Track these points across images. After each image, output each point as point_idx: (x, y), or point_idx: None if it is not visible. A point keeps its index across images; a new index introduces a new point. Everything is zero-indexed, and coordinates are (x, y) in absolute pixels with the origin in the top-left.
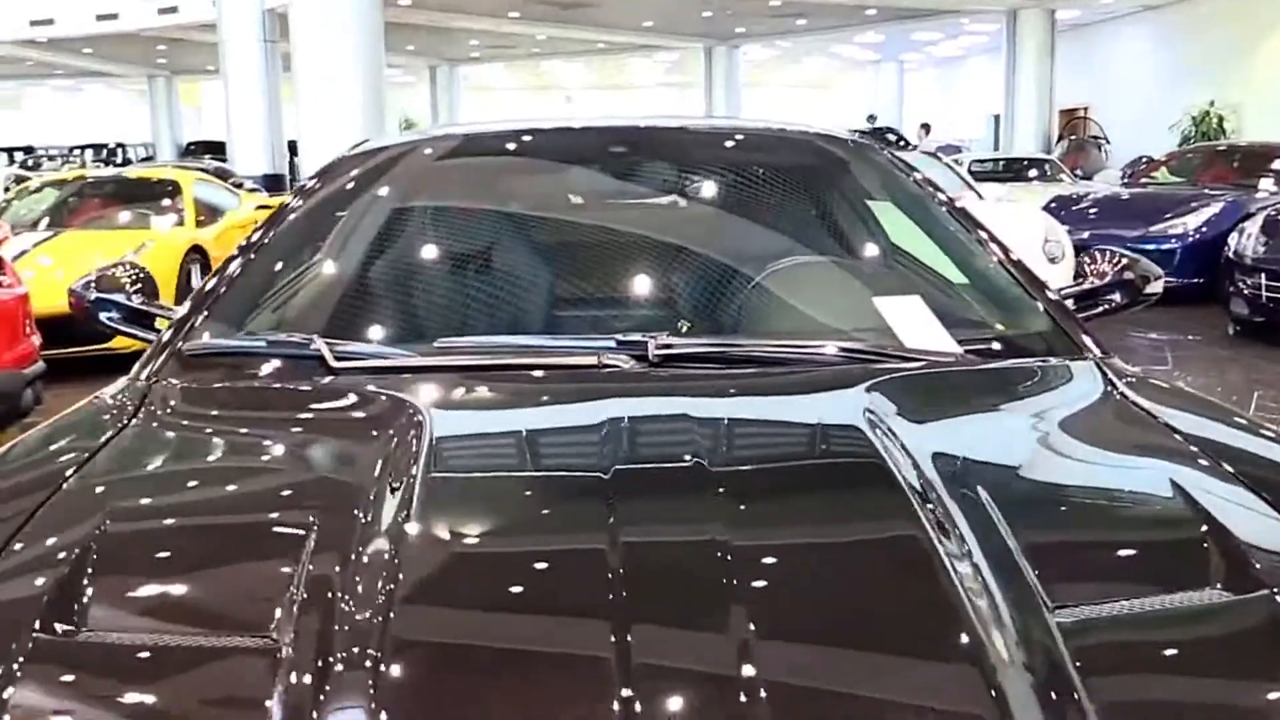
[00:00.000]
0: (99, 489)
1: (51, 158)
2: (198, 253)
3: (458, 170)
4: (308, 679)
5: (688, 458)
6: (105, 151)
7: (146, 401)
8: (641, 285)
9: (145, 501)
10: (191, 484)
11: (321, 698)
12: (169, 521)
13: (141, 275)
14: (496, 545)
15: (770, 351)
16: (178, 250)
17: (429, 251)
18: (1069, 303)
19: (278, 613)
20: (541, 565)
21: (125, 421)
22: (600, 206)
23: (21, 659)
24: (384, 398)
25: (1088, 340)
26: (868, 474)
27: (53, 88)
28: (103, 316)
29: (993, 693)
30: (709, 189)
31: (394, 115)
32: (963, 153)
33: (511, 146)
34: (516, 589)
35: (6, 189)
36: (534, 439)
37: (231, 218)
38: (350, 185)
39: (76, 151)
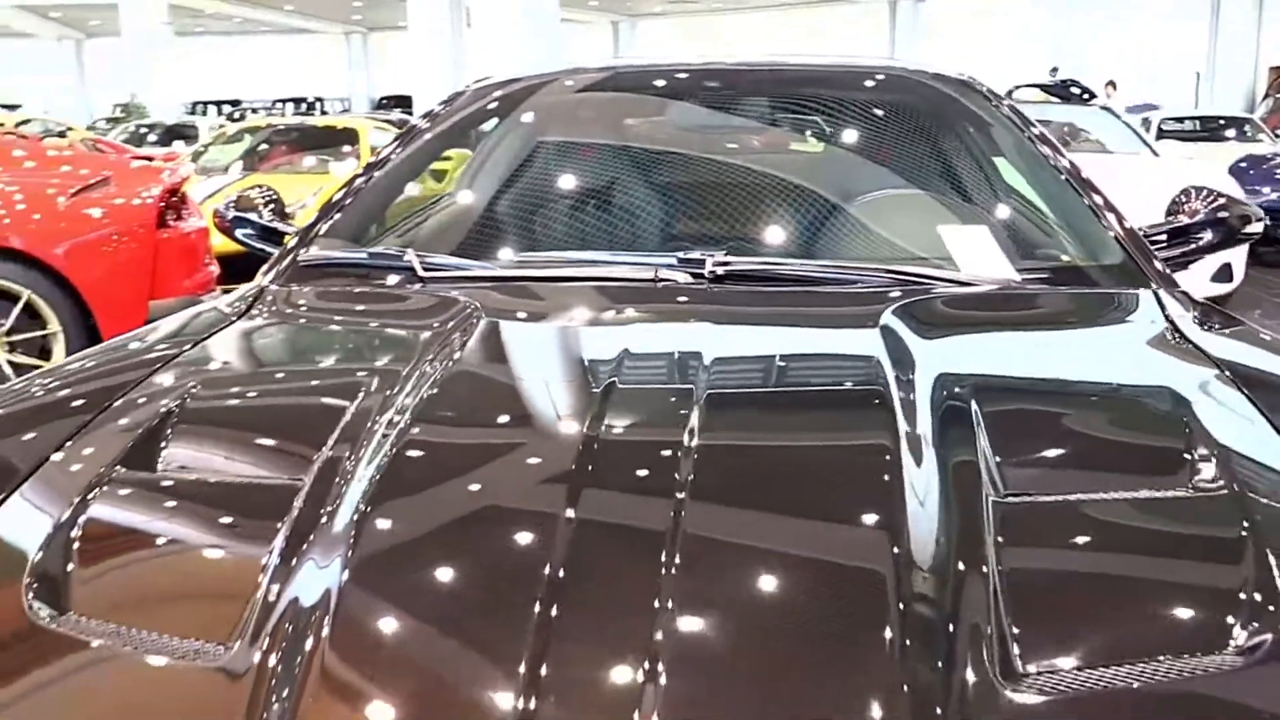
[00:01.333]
0: (196, 365)
1: (255, 110)
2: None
3: (565, 103)
4: (315, 510)
5: (693, 364)
6: (305, 105)
7: (257, 302)
8: (728, 211)
9: (228, 376)
10: (269, 365)
11: (322, 523)
12: (243, 392)
13: (273, 197)
14: (489, 418)
15: (821, 272)
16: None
17: (528, 177)
18: (1161, 239)
19: (311, 461)
20: (522, 441)
21: (235, 317)
22: (701, 139)
23: (101, 488)
24: (450, 301)
25: (1155, 272)
26: (857, 384)
27: (258, 44)
28: (238, 233)
29: (895, 550)
30: (810, 125)
31: None
32: (1155, 111)
33: (619, 83)
34: (497, 459)
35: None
36: (561, 343)
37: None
38: (464, 115)
39: (279, 104)
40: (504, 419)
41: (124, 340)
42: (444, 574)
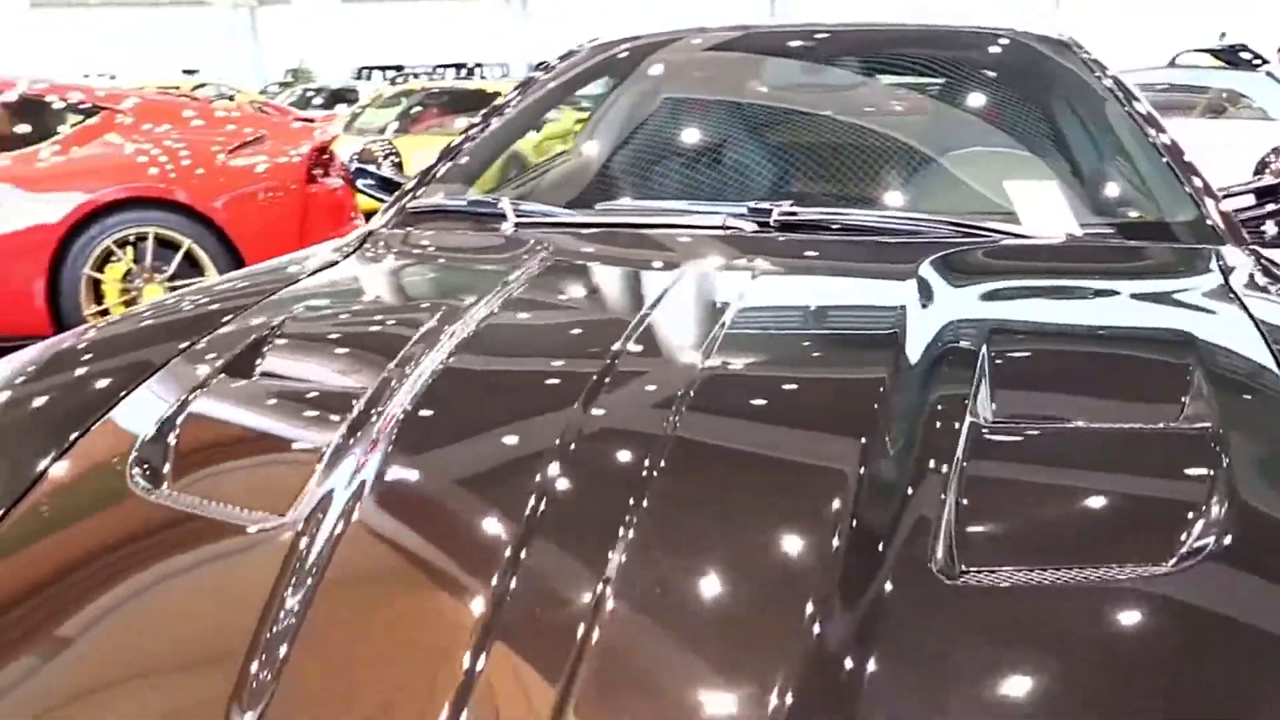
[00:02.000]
0: (300, 293)
1: (416, 75)
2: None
3: (670, 62)
4: (369, 412)
5: (725, 304)
6: (464, 70)
7: (365, 242)
8: (813, 165)
9: (324, 303)
10: (360, 295)
11: (372, 423)
12: (333, 316)
13: (392, 152)
14: (525, 344)
15: (881, 223)
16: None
17: (626, 132)
18: (1245, 199)
19: (376, 374)
20: (551, 365)
21: (344, 255)
22: (798, 97)
23: (204, 388)
24: (528, 243)
25: (1228, 231)
26: (872, 326)
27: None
28: (359, 182)
29: (860, 468)
30: (905, 84)
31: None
32: None
33: (728, 43)
34: (523, 379)
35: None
36: (611, 282)
37: (550, 129)
38: (574, 74)
39: (439, 70)
40: (539, 346)
41: (251, 270)
42: (458, 468)
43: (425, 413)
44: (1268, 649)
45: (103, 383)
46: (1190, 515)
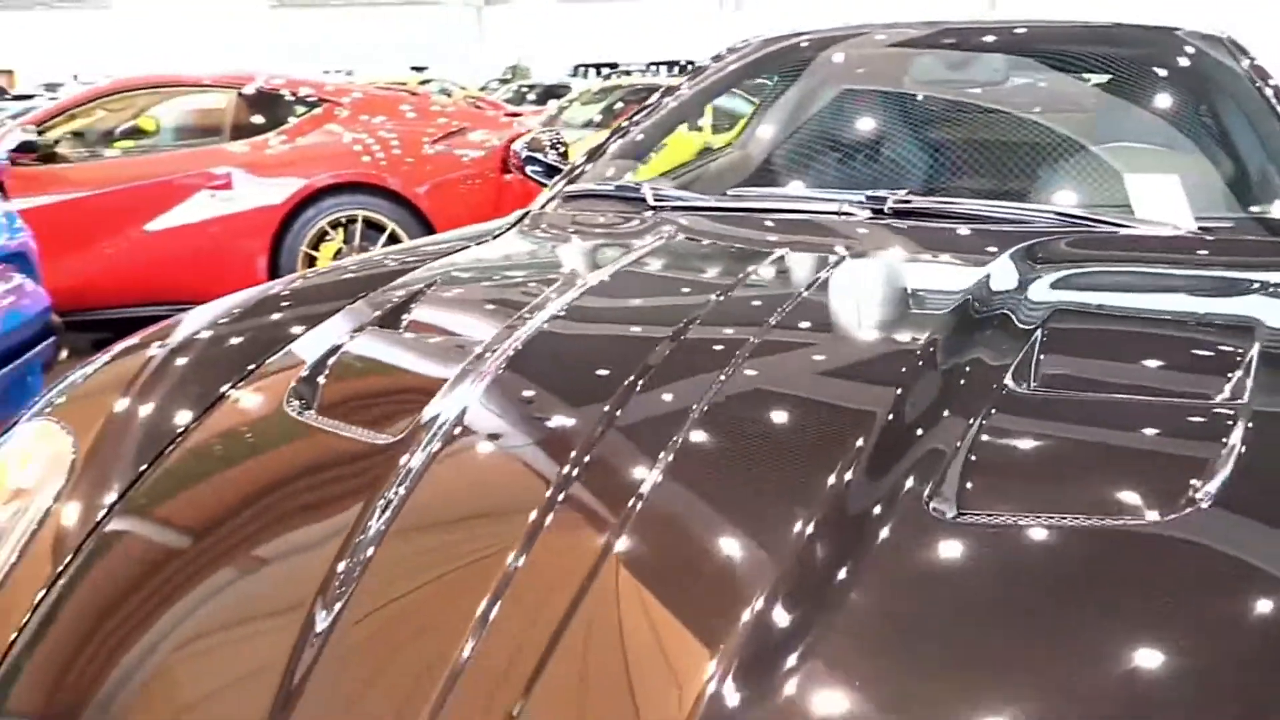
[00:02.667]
0: (458, 260)
1: (628, 73)
2: (708, 151)
3: (821, 59)
4: (483, 356)
5: (808, 281)
6: (677, 68)
7: (523, 220)
8: (954, 157)
9: (475, 268)
10: (507, 263)
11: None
12: (478, 280)
13: (559, 143)
14: (621, 310)
15: (990, 212)
16: (690, 149)
17: (773, 123)
18: None
19: (499, 325)
20: (629, 326)
21: (502, 231)
22: (946, 93)
23: (359, 332)
24: (660, 223)
25: None
26: (938, 302)
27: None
28: (527, 169)
29: (888, 415)
30: (1050, 80)
31: None
32: None
33: (879, 42)
34: (609, 335)
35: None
36: (718, 258)
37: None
38: (734, 68)
39: (653, 67)
40: (631, 309)
41: (428, 240)
42: (537, 405)
43: (521, 361)
44: (1242, 592)
45: (285, 323)
46: (1192, 483)
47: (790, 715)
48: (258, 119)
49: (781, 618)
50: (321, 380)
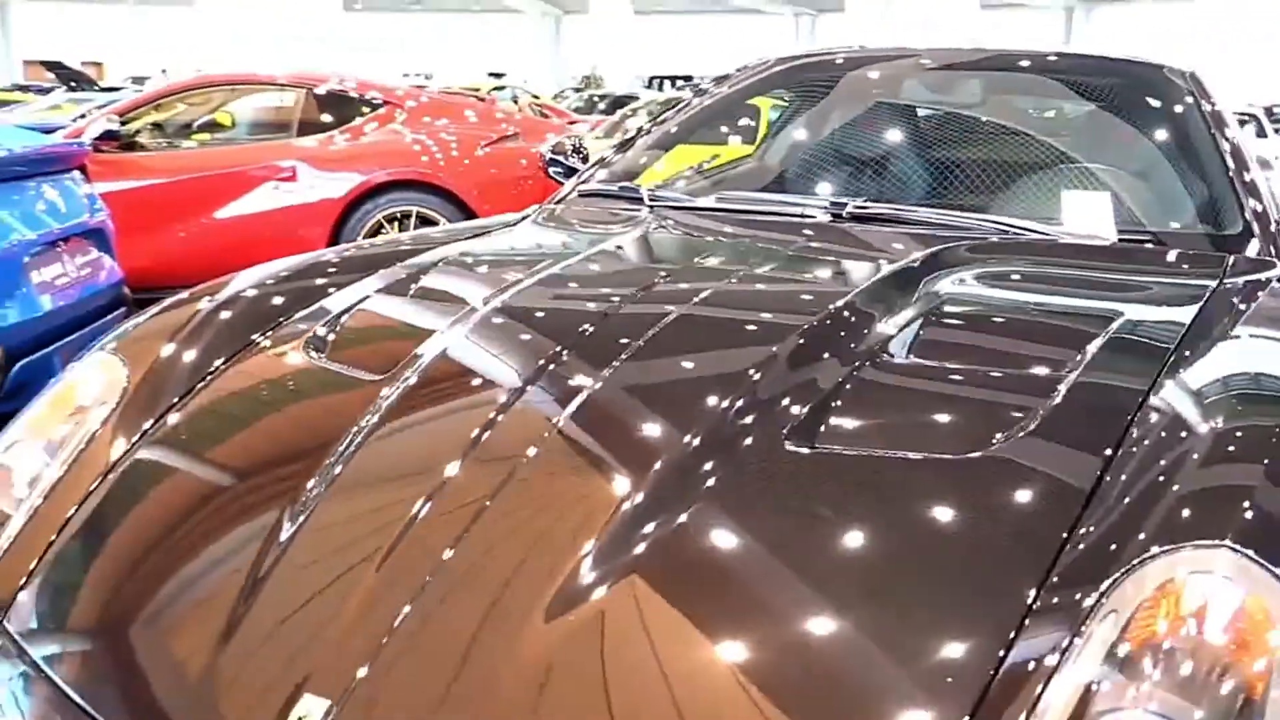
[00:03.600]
0: (476, 241)
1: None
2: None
3: (814, 79)
4: (469, 311)
5: (750, 260)
6: None
7: (538, 213)
8: (913, 169)
9: (483, 248)
10: (511, 245)
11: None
12: (483, 256)
13: (580, 148)
14: (588, 281)
15: (932, 219)
16: (695, 158)
17: (770, 135)
18: None
19: (485, 291)
20: (596, 294)
21: (516, 222)
22: (921, 114)
23: (373, 294)
24: (644, 218)
25: (1263, 245)
26: (848, 283)
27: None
28: (550, 170)
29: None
30: (1014, 105)
31: None
32: None
33: (869, 64)
34: (573, 299)
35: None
36: (681, 245)
37: None
38: (741, 85)
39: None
40: (597, 278)
41: (456, 225)
42: (503, 346)
43: (497, 318)
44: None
45: (317, 286)
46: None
47: (631, 589)
48: (325, 117)
49: (652, 509)
50: (335, 331)
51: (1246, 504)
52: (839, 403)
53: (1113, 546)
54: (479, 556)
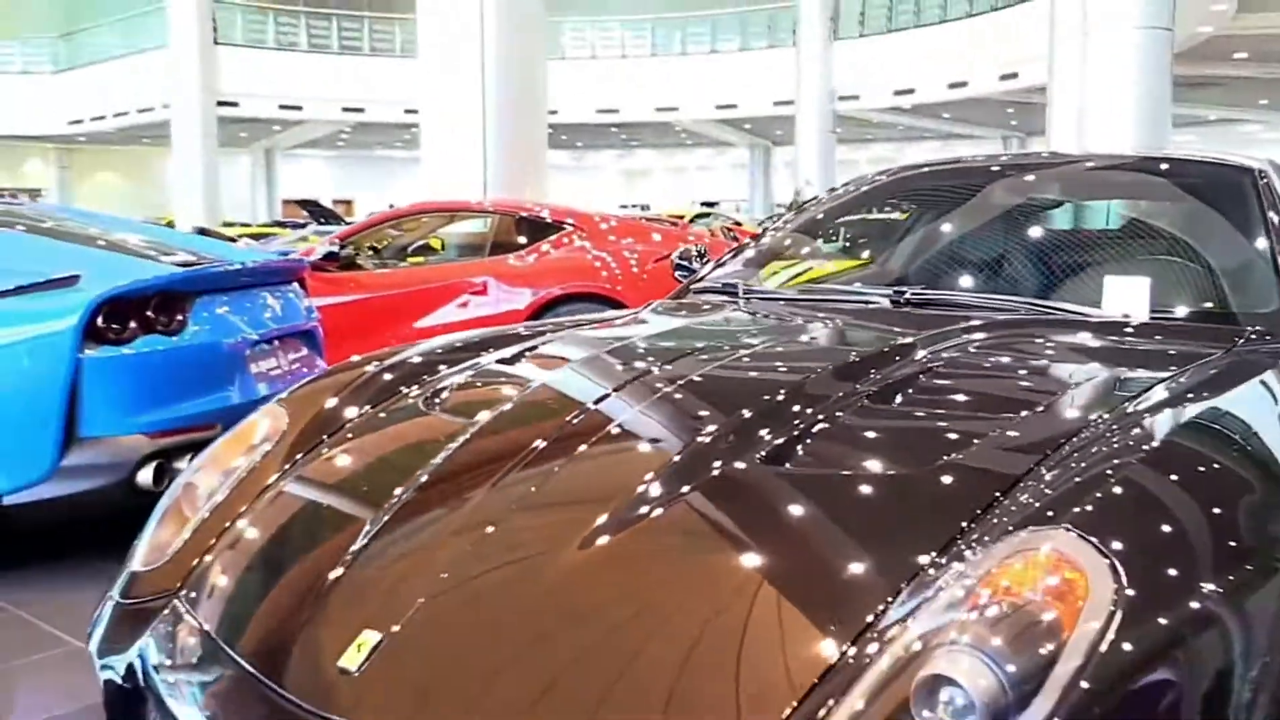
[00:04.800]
0: (584, 327)
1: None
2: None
3: (906, 186)
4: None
5: (791, 340)
6: None
7: (659, 305)
8: (977, 263)
9: (595, 332)
10: (628, 329)
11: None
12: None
13: (703, 254)
14: (667, 341)
15: (977, 302)
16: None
17: (858, 236)
18: None
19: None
20: (666, 350)
21: (641, 311)
22: (986, 216)
23: (498, 362)
24: (736, 308)
25: None
26: (883, 349)
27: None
28: (676, 273)
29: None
30: (1077, 202)
31: None
32: None
33: (951, 172)
34: (648, 354)
35: None
36: (754, 330)
37: None
38: (839, 196)
39: None
40: (676, 341)
41: (602, 314)
42: (584, 382)
43: (572, 370)
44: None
45: (462, 355)
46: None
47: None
48: (519, 239)
49: (661, 488)
50: (452, 389)
51: (1093, 501)
52: (812, 435)
53: (992, 525)
54: (514, 528)
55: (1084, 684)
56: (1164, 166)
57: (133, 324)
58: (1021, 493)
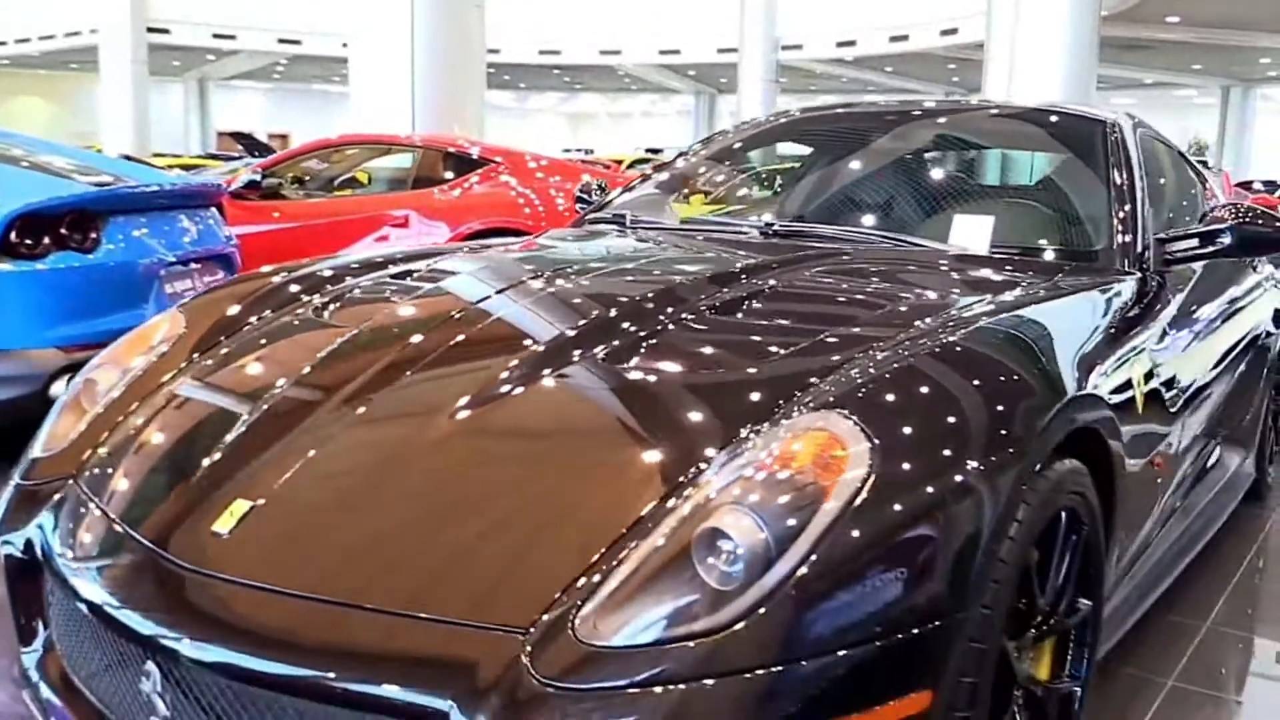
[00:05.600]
0: (480, 250)
1: None
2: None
3: (793, 129)
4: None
5: (658, 259)
6: None
7: (549, 234)
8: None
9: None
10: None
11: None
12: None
13: (602, 186)
14: (544, 257)
15: (830, 233)
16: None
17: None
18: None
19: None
20: (546, 268)
21: (535, 239)
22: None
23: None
24: (618, 234)
25: (1120, 260)
26: (721, 269)
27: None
28: (577, 205)
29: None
30: (958, 155)
31: (1181, 135)
32: None
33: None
34: (522, 273)
35: None
36: (626, 251)
37: None
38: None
39: None
40: (553, 260)
41: (505, 240)
42: (463, 286)
43: (448, 277)
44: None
45: (361, 269)
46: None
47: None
48: (442, 173)
49: (511, 378)
50: (348, 296)
51: (871, 391)
52: (660, 335)
53: (790, 410)
54: (381, 411)
55: (832, 540)
56: (1030, 116)
57: (46, 240)
58: (824, 385)
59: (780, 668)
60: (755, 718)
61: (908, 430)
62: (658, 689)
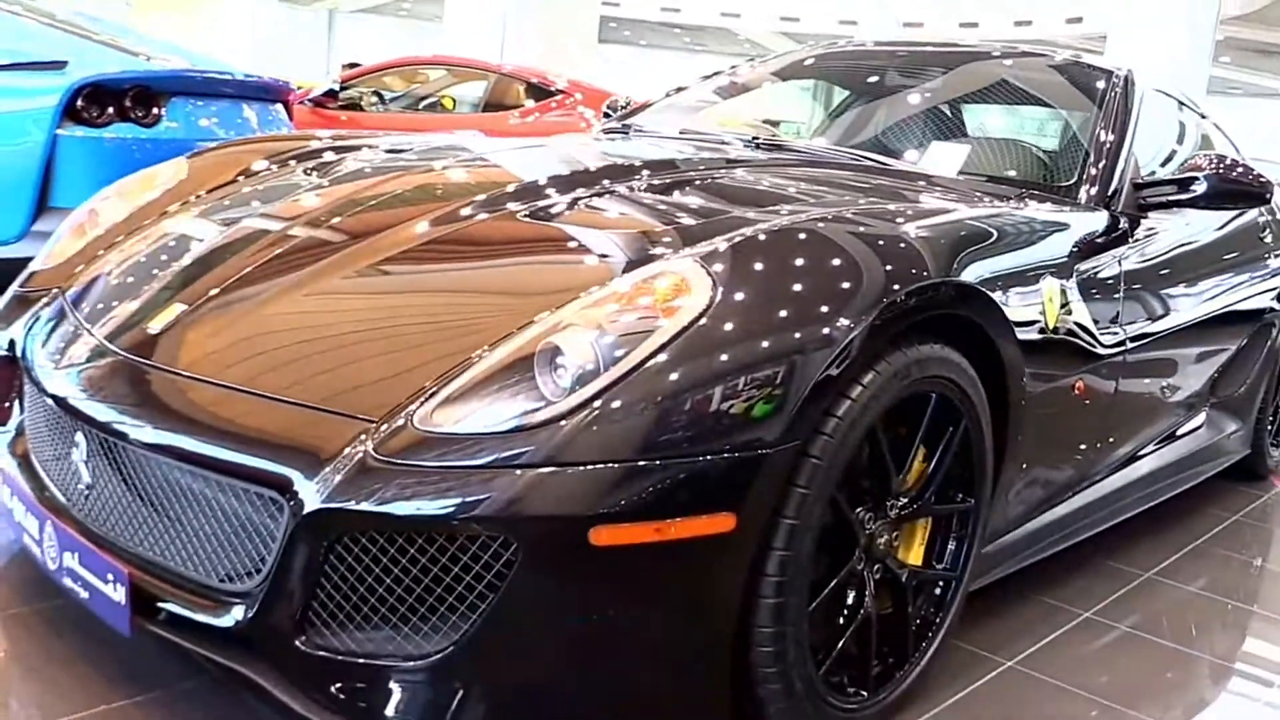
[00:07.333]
0: (499, 143)
1: None
2: None
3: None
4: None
5: (634, 157)
6: None
7: (564, 135)
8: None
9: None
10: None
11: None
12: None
13: (624, 107)
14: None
15: (802, 148)
16: None
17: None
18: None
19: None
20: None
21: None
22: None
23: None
24: (615, 140)
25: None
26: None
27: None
28: (603, 119)
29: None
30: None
31: None
32: None
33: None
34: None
35: None
36: (619, 147)
37: None
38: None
39: None
40: (543, 151)
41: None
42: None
43: (439, 160)
44: None
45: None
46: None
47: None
48: (521, 100)
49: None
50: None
51: (730, 249)
52: (587, 199)
53: (658, 258)
54: (308, 245)
55: (655, 363)
56: (1039, 59)
57: (110, 111)
58: (700, 245)
59: (580, 468)
60: (541, 507)
61: (756, 281)
62: (474, 472)
